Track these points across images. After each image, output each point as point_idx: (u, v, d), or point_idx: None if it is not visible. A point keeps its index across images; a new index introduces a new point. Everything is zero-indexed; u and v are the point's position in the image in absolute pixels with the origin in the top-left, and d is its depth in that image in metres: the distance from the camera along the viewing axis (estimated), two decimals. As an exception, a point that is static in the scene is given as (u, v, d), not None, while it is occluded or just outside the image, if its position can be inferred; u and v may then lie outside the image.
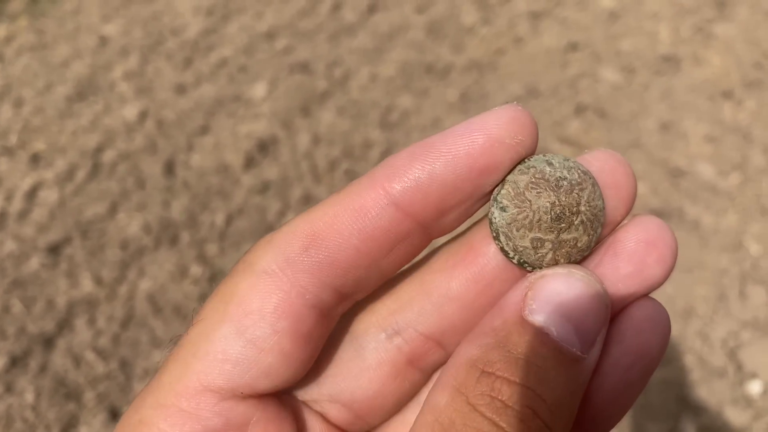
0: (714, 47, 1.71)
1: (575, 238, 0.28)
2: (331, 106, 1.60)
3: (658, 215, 1.34)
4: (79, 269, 1.30)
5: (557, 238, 0.27)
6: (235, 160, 1.48)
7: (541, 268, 0.28)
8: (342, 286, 0.28)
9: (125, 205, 1.41)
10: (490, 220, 0.28)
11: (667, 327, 0.27)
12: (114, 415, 1.11)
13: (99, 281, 1.28)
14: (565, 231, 0.27)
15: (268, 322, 0.27)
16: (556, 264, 0.28)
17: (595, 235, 0.28)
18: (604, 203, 0.28)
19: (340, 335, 0.31)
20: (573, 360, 0.25)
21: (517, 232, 0.27)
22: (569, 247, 0.28)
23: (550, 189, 0.27)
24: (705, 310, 1.21)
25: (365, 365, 0.30)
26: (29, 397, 1.12)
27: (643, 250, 0.27)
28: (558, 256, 0.28)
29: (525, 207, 0.27)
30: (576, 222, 0.27)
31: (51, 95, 1.64)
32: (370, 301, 0.31)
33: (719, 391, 1.12)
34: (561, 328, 0.25)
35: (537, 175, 0.27)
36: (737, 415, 1.09)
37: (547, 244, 0.27)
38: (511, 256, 0.28)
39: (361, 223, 0.27)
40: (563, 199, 0.27)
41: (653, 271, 0.27)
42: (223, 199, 1.42)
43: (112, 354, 1.18)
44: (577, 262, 0.28)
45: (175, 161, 1.49)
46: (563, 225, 0.27)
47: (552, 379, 0.24)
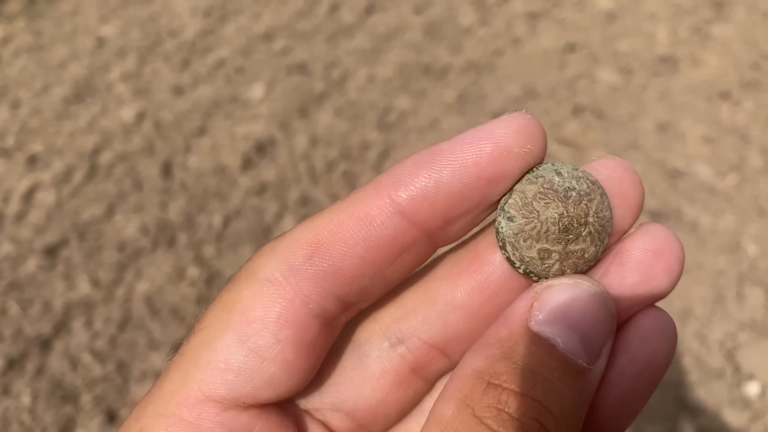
0: (711, 48, 1.71)
1: (583, 249, 0.27)
2: (329, 107, 1.60)
3: (655, 216, 1.34)
4: (76, 271, 1.29)
5: (564, 249, 0.27)
6: (232, 161, 1.48)
7: (548, 278, 0.27)
8: (346, 295, 0.27)
9: (122, 206, 1.40)
10: (496, 229, 0.28)
11: (674, 336, 0.27)
12: (111, 417, 1.10)
13: (96, 283, 1.27)
14: (573, 242, 0.27)
15: (271, 331, 0.26)
16: (562, 274, 0.27)
17: (602, 246, 0.28)
18: (612, 213, 0.28)
19: (343, 343, 0.30)
20: (579, 371, 0.25)
21: (524, 242, 0.27)
22: (576, 257, 0.27)
23: (558, 200, 0.27)
24: (703, 311, 1.21)
25: (368, 374, 0.30)
26: (26, 399, 1.12)
27: (649, 260, 0.27)
28: (565, 266, 0.27)
29: (533, 218, 0.27)
30: (584, 233, 0.27)
31: (48, 96, 1.64)
32: (374, 309, 0.31)
33: (717, 392, 1.12)
34: (567, 339, 0.25)
35: (545, 186, 0.27)
36: (735, 416, 1.09)
37: (554, 255, 0.27)
38: (518, 266, 0.28)
39: (366, 231, 0.26)
40: (571, 210, 0.27)
41: (660, 280, 0.27)
42: (220, 200, 1.41)
43: (109, 356, 1.18)
44: (584, 272, 0.28)
45: (173, 163, 1.48)
46: (571, 236, 0.27)
47: (558, 390, 0.24)
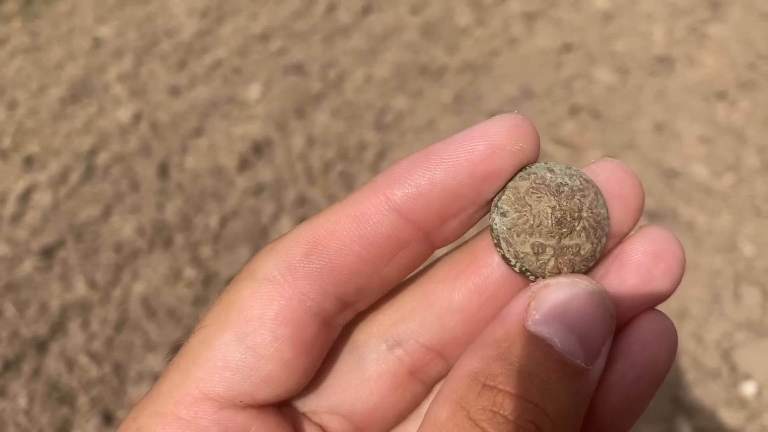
0: (708, 48, 1.71)
1: (578, 245, 0.27)
2: (326, 108, 1.60)
3: (652, 216, 1.34)
4: (73, 272, 1.29)
5: (559, 244, 0.27)
6: (229, 162, 1.48)
7: (544, 277, 0.27)
8: (344, 294, 0.27)
9: (119, 207, 1.40)
10: (491, 227, 0.28)
11: (674, 340, 0.27)
12: (107, 419, 1.10)
13: (92, 284, 1.27)
14: (567, 236, 0.27)
15: (269, 328, 0.26)
16: (558, 272, 0.27)
17: (599, 245, 0.27)
18: (608, 213, 0.28)
19: (341, 346, 0.30)
20: (577, 372, 0.24)
21: (517, 237, 0.27)
22: (572, 254, 0.27)
23: (550, 194, 0.27)
24: (699, 311, 1.21)
25: (366, 376, 0.30)
26: (22, 401, 1.11)
27: (649, 262, 0.27)
28: (561, 263, 0.27)
29: (525, 211, 0.27)
30: (578, 228, 0.27)
31: (45, 97, 1.63)
32: (371, 311, 0.30)
33: (714, 392, 1.12)
34: (564, 339, 0.24)
35: (537, 181, 0.27)
36: (731, 416, 1.09)
37: (548, 250, 0.27)
38: (513, 264, 0.27)
39: (363, 229, 0.26)
40: (564, 203, 0.27)
41: (660, 283, 0.27)
42: (217, 201, 1.41)
43: (105, 357, 1.17)
44: (582, 272, 0.28)
45: (169, 163, 1.48)
46: (564, 230, 0.27)
47: (555, 392, 0.24)
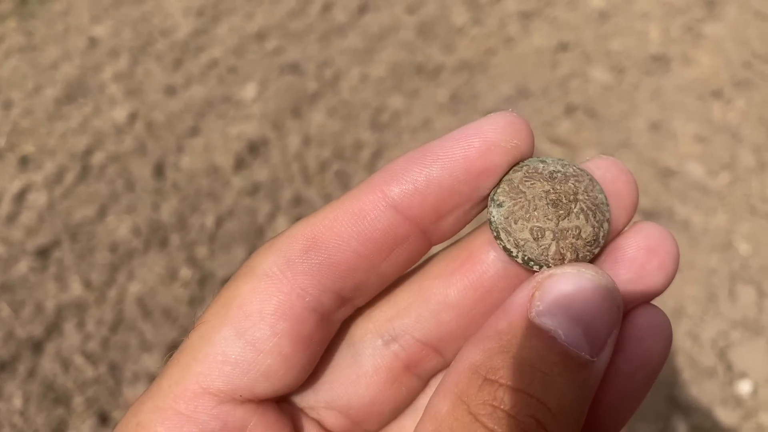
0: (703, 47, 1.72)
1: (577, 227, 0.27)
2: (322, 107, 1.60)
3: (647, 215, 1.35)
4: (68, 273, 1.28)
5: (557, 227, 0.27)
6: (225, 161, 1.48)
7: (549, 266, 0.27)
8: (342, 290, 0.28)
9: (114, 207, 1.40)
10: (489, 221, 0.28)
11: (669, 334, 0.27)
12: (103, 419, 1.10)
13: (88, 285, 1.27)
14: (565, 218, 0.27)
15: (268, 323, 0.27)
16: (562, 258, 0.27)
17: (601, 229, 0.27)
18: (606, 199, 0.28)
19: (337, 341, 0.31)
20: (581, 365, 0.24)
21: (515, 224, 0.27)
22: (573, 237, 0.27)
23: (543, 180, 0.27)
24: (695, 309, 1.22)
25: (362, 372, 0.30)
26: (17, 402, 1.11)
27: (643, 257, 0.27)
28: (562, 248, 0.27)
29: (520, 198, 0.27)
30: (575, 209, 0.27)
31: (40, 97, 1.63)
32: (368, 307, 0.31)
33: (709, 390, 1.12)
34: (569, 331, 0.24)
35: (530, 171, 0.28)
36: (727, 414, 1.09)
37: (548, 233, 0.27)
38: (515, 255, 0.27)
39: (360, 225, 0.27)
40: (558, 186, 0.27)
41: (654, 278, 0.27)
42: (213, 201, 1.41)
43: (101, 358, 1.17)
44: (588, 259, 0.27)
45: (165, 163, 1.48)
46: (562, 212, 0.27)
47: (558, 386, 0.24)
